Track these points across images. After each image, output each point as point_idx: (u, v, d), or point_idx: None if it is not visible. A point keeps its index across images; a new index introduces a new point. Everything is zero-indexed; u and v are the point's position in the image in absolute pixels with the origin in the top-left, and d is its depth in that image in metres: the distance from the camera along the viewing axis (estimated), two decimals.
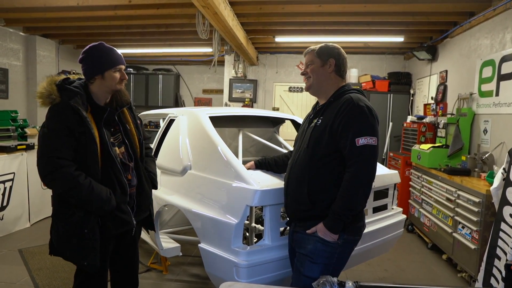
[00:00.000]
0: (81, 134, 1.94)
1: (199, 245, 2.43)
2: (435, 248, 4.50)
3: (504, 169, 3.06)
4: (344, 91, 2.02)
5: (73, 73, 7.35)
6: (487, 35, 4.50)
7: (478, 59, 4.60)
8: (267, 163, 2.53)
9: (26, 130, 5.50)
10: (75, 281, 2.20)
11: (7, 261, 3.78)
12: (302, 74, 2.14)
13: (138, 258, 2.47)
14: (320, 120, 1.99)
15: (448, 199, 4.07)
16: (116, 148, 2.12)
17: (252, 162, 2.57)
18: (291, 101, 7.96)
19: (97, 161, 1.98)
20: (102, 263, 2.08)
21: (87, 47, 2.10)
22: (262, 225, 2.86)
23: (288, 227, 2.24)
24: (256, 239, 3.05)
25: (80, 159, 1.96)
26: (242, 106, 7.70)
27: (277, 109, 7.91)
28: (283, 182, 2.28)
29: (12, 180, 4.61)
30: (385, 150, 6.74)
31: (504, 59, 4.07)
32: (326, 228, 1.89)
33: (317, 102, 2.17)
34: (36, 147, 5.05)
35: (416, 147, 5.16)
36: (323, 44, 2.09)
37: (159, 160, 3.05)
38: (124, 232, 2.20)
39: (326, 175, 1.93)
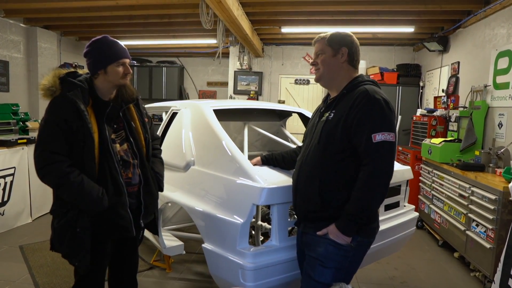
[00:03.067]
0: (78, 127, 1.87)
1: (202, 245, 2.32)
2: (446, 246, 4.36)
3: None
4: (358, 83, 1.88)
5: (75, 66, 7.23)
6: (504, 24, 4.30)
7: (493, 49, 4.41)
8: (274, 158, 2.39)
9: (27, 123, 5.41)
10: (75, 279, 2.14)
11: (8, 258, 3.70)
12: (312, 64, 2.00)
13: (137, 259, 2.38)
14: (332, 114, 1.85)
15: (461, 196, 3.92)
16: (117, 145, 2.03)
17: (259, 158, 2.43)
18: (297, 94, 7.80)
19: (93, 157, 1.90)
20: (96, 264, 2.00)
21: (91, 40, 2.04)
22: (269, 223, 2.75)
23: (296, 227, 2.11)
24: (262, 237, 2.95)
25: (76, 154, 1.90)
26: (248, 99, 7.56)
27: (283, 102, 7.76)
28: (291, 179, 2.16)
29: (12, 174, 4.52)
30: None
31: None
32: (339, 230, 1.76)
33: (328, 95, 2.03)
34: None
35: (426, 141, 5.00)
36: (334, 32, 1.95)
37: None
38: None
39: (339, 173, 1.80)
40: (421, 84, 6.83)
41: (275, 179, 2.21)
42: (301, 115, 3.77)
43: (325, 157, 1.82)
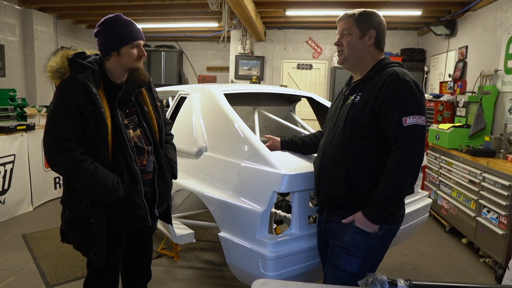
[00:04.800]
0: (90, 112, 1.75)
1: (219, 234, 2.24)
2: (453, 232, 4.34)
3: None
4: (385, 64, 1.79)
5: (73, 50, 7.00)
6: None
7: (506, 33, 4.32)
8: (294, 142, 2.29)
9: (25, 109, 5.26)
10: (87, 272, 2.06)
11: (11, 247, 3.61)
12: (336, 44, 1.89)
13: (152, 250, 2.30)
14: (358, 97, 1.76)
15: (471, 182, 3.88)
16: (131, 131, 1.92)
17: (278, 139, 2.33)
18: (299, 79, 7.68)
19: (107, 143, 1.79)
20: (111, 256, 1.91)
21: (103, 19, 1.91)
22: (283, 211, 2.68)
23: (316, 215, 2.04)
24: (275, 225, 2.88)
25: (89, 141, 1.78)
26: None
27: (285, 87, 7.65)
28: (311, 165, 2.08)
29: (12, 162, 4.40)
30: None
31: None
32: (366, 218, 1.70)
33: (351, 77, 1.93)
34: (36, 127, 4.83)
35: (434, 126, 4.93)
36: (362, 10, 1.83)
37: None
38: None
39: (366, 158, 1.72)
40: (425, 69, 6.74)
41: (295, 164, 2.12)
42: (310, 100, 3.68)
43: (352, 141, 1.73)
